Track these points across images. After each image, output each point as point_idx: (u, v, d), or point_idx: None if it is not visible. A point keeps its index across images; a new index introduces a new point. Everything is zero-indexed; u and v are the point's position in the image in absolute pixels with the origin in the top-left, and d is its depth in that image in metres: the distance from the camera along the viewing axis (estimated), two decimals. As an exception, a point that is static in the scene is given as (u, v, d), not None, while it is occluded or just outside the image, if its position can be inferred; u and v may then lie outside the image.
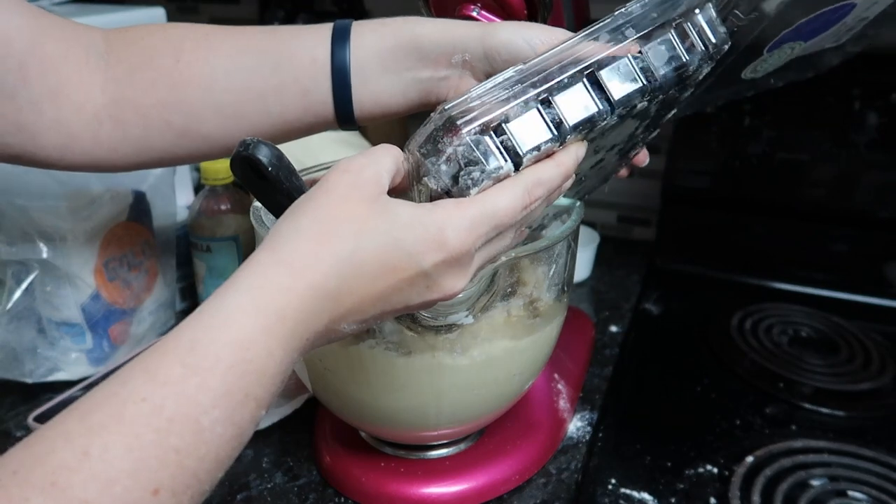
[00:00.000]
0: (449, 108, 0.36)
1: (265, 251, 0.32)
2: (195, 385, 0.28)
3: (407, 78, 0.46)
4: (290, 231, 0.32)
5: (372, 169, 0.34)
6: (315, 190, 0.34)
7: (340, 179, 0.34)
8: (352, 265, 0.32)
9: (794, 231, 0.82)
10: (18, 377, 0.63)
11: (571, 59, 0.37)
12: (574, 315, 0.74)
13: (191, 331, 0.29)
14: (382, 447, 0.54)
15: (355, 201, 0.33)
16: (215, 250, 0.73)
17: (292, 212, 0.34)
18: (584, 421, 0.60)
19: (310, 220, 0.33)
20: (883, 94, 0.74)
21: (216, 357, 0.28)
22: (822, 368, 0.67)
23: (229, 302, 0.30)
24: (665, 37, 0.38)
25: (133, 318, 0.69)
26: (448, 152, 0.35)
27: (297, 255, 0.32)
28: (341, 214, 0.33)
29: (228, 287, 0.31)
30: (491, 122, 0.35)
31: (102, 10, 0.74)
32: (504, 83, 0.36)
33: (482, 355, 0.45)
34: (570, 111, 0.36)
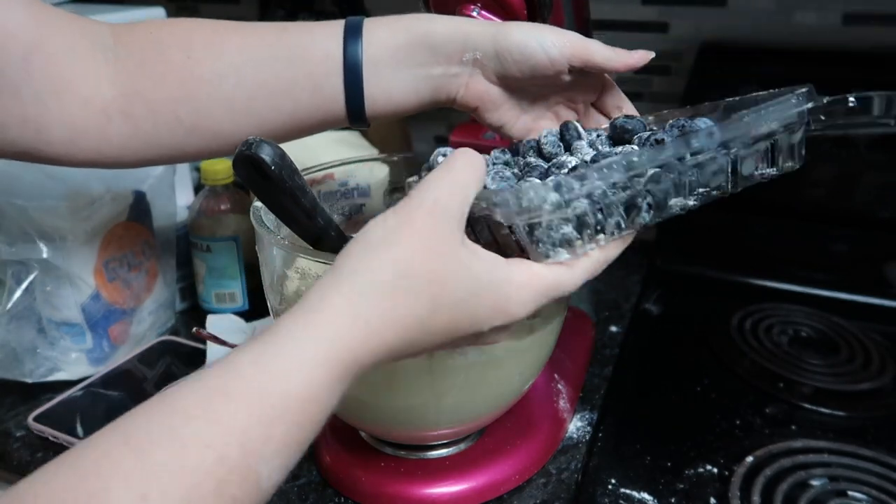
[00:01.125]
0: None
1: (343, 298, 0.30)
2: (261, 437, 0.27)
3: (419, 74, 0.46)
4: (372, 280, 0.31)
5: (457, 206, 0.33)
6: (399, 226, 0.32)
7: (426, 221, 0.32)
8: (423, 329, 0.32)
9: (794, 231, 0.82)
10: (18, 377, 0.63)
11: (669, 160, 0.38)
12: (574, 315, 0.73)
13: (260, 376, 0.28)
14: (382, 447, 0.54)
15: (438, 254, 0.32)
16: (215, 250, 0.73)
17: (373, 248, 0.32)
18: (584, 421, 0.60)
19: (392, 273, 0.31)
20: (883, 94, 0.74)
21: (284, 408, 0.28)
22: (822, 368, 0.67)
23: (304, 352, 0.29)
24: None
25: (133, 318, 0.69)
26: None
27: (375, 313, 0.31)
28: (424, 271, 0.32)
29: (303, 331, 0.29)
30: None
31: (102, 9, 0.74)
32: (608, 166, 0.36)
33: (482, 355, 0.45)
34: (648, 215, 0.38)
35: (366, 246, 0.32)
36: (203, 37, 0.46)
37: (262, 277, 0.49)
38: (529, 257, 0.36)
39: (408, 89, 0.47)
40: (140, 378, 0.65)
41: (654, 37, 0.87)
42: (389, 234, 0.32)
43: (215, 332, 0.66)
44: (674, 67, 0.88)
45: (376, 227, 0.33)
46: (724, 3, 0.83)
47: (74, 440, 0.57)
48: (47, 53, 0.42)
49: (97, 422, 0.59)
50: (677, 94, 0.86)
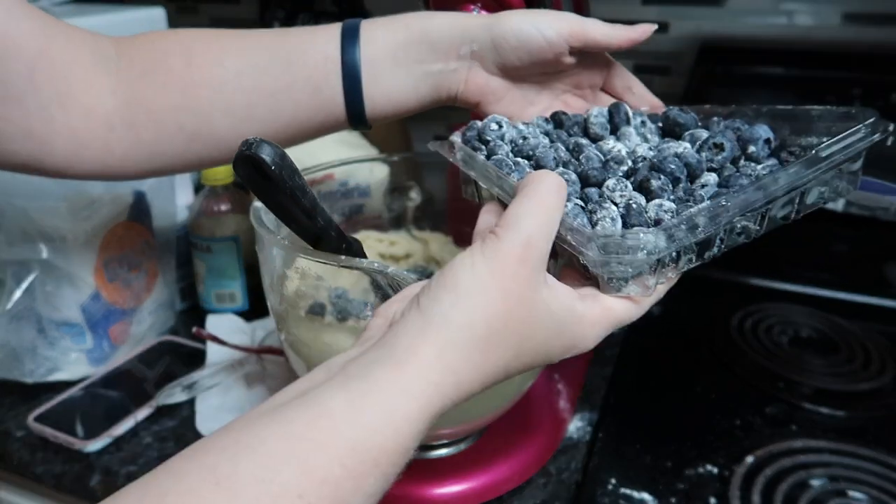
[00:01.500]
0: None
1: (433, 349, 0.30)
2: (351, 489, 0.27)
3: (418, 72, 0.46)
4: (463, 335, 0.30)
5: (546, 243, 0.32)
6: (492, 275, 0.31)
7: (518, 270, 0.31)
8: (504, 373, 0.32)
9: (794, 231, 0.82)
10: (18, 377, 0.63)
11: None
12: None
13: (352, 429, 0.27)
14: (382, 447, 0.54)
15: (526, 302, 0.32)
16: (215, 250, 0.73)
17: (464, 298, 0.31)
18: (584, 421, 0.60)
19: (484, 328, 0.31)
20: (883, 94, 0.74)
21: (374, 462, 0.28)
22: (822, 368, 0.67)
23: (395, 406, 0.28)
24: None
25: (133, 318, 0.69)
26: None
27: (465, 367, 0.31)
28: (514, 322, 0.31)
29: (393, 383, 0.29)
30: None
31: (102, 9, 0.74)
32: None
33: (482, 355, 0.45)
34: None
35: (456, 295, 0.31)
36: (203, 45, 0.46)
37: (262, 277, 0.49)
38: (598, 284, 0.35)
39: (407, 88, 0.46)
40: (140, 378, 0.65)
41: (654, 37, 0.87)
42: (481, 284, 0.31)
43: (215, 332, 0.66)
44: (674, 67, 0.88)
45: (465, 271, 0.31)
46: (724, 3, 0.83)
47: (74, 440, 0.57)
48: (52, 65, 0.42)
49: (97, 422, 0.59)
50: (677, 94, 0.86)
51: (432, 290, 0.31)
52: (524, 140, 0.43)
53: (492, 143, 0.43)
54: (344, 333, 0.45)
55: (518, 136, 0.44)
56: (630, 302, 0.36)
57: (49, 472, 0.57)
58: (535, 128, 0.45)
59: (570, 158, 0.42)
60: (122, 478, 0.55)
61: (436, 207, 0.62)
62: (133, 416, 0.60)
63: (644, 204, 0.37)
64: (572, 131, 0.46)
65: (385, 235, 0.61)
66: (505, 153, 0.42)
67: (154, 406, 0.61)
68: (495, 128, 0.44)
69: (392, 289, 0.39)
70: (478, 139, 0.44)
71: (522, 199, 0.33)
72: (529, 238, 0.31)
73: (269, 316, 0.51)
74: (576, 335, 0.34)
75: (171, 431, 0.60)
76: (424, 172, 0.62)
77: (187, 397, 0.61)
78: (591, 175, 0.39)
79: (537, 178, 0.34)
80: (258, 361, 0.64)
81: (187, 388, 0.61)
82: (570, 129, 0.46)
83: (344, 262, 0.42)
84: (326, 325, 0.45)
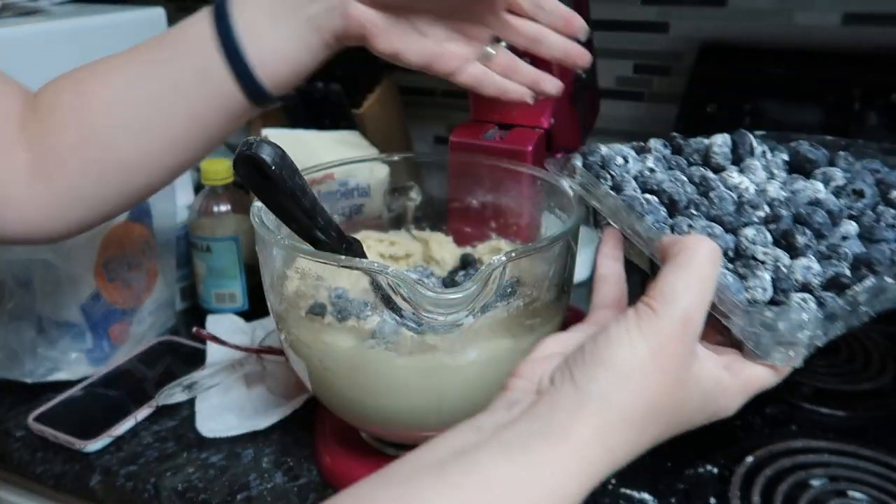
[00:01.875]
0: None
1: (592, 429, 0.30)
2: None
3: (298, 20, 0.44)
4: (623, 416, 0.30)
5: (702, 318, 0.32)
6: (652, 356, 0.31)
7: (677, 349, 0.31)
8: (654, 444, 0.33)
9: (794, 231, 0.82)
10: (18, 377, 0.63)
11: None
12: (574, 315, 0.73)
13: (516, 502, 0.28)
14: (383, 447, 0.54)
15: (682, 383, 0.32)
16: (215, 250, 0.73)
17: (623, 378, 0.31)
18: (584, 421, 0.60)
19: (643, 409, 0.31)
20: (883, 94, 0.74)
21: None
22: (822, 368, 0.67)
23: (556, 485, 0.29)
24: None
25: (133, 318, 0.69)
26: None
27: (623, 446, 0.31)
28: (670, 403, 0.32)
29: (554, 463, 0.29)
30: None
31: (102, 10, 0.74)
32: None
33: (482, 355, 0.45)
34: None
35: (615, 375, 0.30)
36: (90, 71, 0.45)
37: (262, 277, 0.49)
38: (741, 348, 0.35)
39: (295, 41, 0.45)
40: (140, 378, 0.65)
41: (654, 37, 0.87)
42: (640, 364, 0.31)
43: (215, 332, 0.66)
44: (674, 67, 0.88)
45: (622, 348, 0.31)
46: (724, 3, 0.83)
47: (74, 440, 0.57)
48: None
49: (97, 422, 0.59)
50: (677, 94, 0.86)
51: (587, 364, 0.31)
52: (651, 172, 0.43)
53: (617, 177, 0.43)
54: (344, 333, 0.45)
55: (644, 168, 0.44)
56: (773, 370, 0.35)
57: (49, 472, 0.57)
58: (654, 156, 0.45)
59: (700, 198, 0.41)
60: (122, 478, 0.55)
61: (436, 207, 0.62)
62: (133, 416, 0.60)
63: (789, 263, 0.36)
64: (692, 158, 0.45)
65: (385, 235, 0.61)
66: (633, 188, 0.42)
67: (154, 406, 0.61)
68: (621, 162, 0.43)
69: (392, 289, 0.39)
70: (601, 166, 0.44)
71: (678, 270, 0.32)
72: (687, 315, 0.31)
73: (269, 316, 0.51)
74: (720, 406, 0.34)
75: (171, 431, 0.60)
76: (424, 172, 0.62)
77: (187, 397, 0.61)
78: (726, 221, 0.39)
79: (692, 245, 0.32)
80: (258, 361, 0.64)
81: (187, 388, 0.61)
82: (691, 155, 0.45)
83: (344, 262, 0.42)
84: (326, 325, 0.45)
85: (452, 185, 0.61)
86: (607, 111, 0.83)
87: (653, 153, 0.45)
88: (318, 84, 0.82)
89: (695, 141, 0.45)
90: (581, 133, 0.69)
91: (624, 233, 0.40)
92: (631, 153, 0.44)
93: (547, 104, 0.60)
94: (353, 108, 0.86)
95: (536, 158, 0.59)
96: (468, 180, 0.60)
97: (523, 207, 0.58)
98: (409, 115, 0.99)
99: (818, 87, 0.76)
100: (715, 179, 0.42)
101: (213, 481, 0.54)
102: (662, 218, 0.40)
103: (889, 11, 0.77)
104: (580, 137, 0.69)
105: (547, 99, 0.60)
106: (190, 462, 0.56)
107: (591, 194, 0.42)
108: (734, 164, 0.44)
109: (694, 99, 0.81)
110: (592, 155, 0.45)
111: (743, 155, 0.44)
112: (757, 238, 0.37)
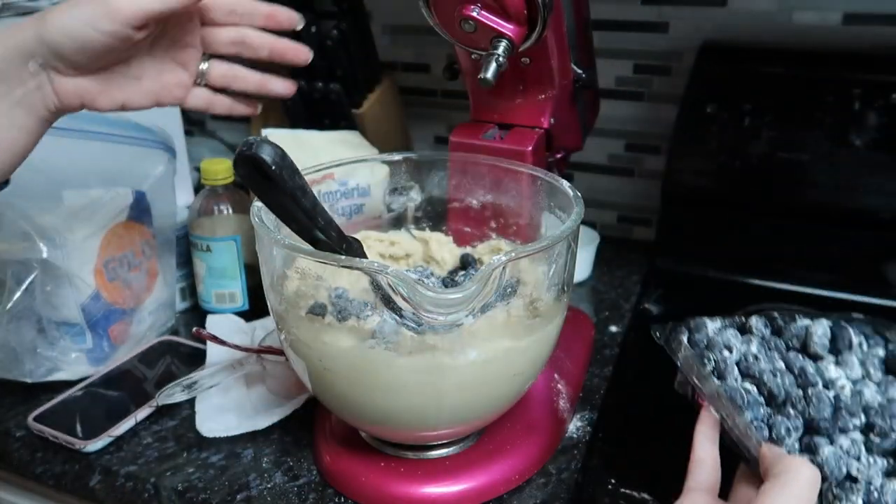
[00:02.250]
0: None
1: None
2: None
3: (7, 106, 0.43)
4: None
5: None
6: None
7: None
8: None
9: (794, 231, 0.82)
10: (18, 377, 0.63)
11: None
12: (574, 315, 0.73)
13: None
14: (382, 447, 0.54)
15: None
16: (215, 250, 0.73)
17: None
18: (584, 421, 0.60)
19: None
20: (883, 94, 0.74)
21: None
22: (822, 368, 0.67)
23: None
24: None
25: (133, 318, 0.69)
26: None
27: None
28: None
29: None
30: None
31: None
32: None
33: (482, 355, 0.45)
34: None
35: None
36: None
37: (262, 277, 0.49)
38: None
39: (7, 127, 0.44)
40: (140, 378, 0.65)
41: (654, 37, 0.87)
42: None
43: (215, 332, 0.66)
44: (674, 67, 0.88)
45: None
46: (724, 3, 0.83)
47: (74, 440, 0.57)
48: None
49: (97, 422, 0.59)
50: (677, 94, 0.86)
51: None
52: (754, 360, 0.46)
53: (720, 363, 0.46)
54: (344, 333, 0.45)
55: (748, 352, 0.47)
56: None
57: (49, 472, 0.57)
58: (756, 332, 0.48)
59: (797, 393, 0.43)
60: (122, 478, 0.55)
61: (436, 207, 0.62)
62: (133, 416, 0.60)
63: (881, 483, 0.39)
64: (791, 343, 0.48)
65: (385, 235, 0.61)
66: (734, 377, 0.45)
67: (154, 406, 0.61)
68: (728, 354, 0.47)
69: (392, 289, 0.39)
70: (706, 346, 0.47)
71: (780, 489, 0.35)
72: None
73: (269, 316, 0.51)
74: None
75: (171, 431, 0.60)
76: (424, 172, 0.62)
77: (187, 397, 0.61)
78: (821, 426, 0.42)
79: (794, 467, 0.36)
80: (258, 361, 0.64)
81: (187, 388, 0.61)
82: (790, 339, 0.48)
83: (344, 262, 0.42)
84: (326, 325, 0.45)
85: (452, 185, 0.61)
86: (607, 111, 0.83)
87: (755, 333, 0.49)
88: (318, 84, 0.82)
89: (795, 326, 0.48)
90: (581, 133, 0.69)
91: (723, 420, 0.43)
92: (735, 340, 0.47)
93: (547, 104, 0.60)
94: (353, 108, 0.86)
95: (536, 158, 0.59)
96: (468, 180, 0.60)
97: (523, 207, 0.58)
98: (409, 115, 0.99)
99: (818, 87, 0.76)
100: (813, 374, 0.44)
101: (213, 481, 0.54)
102: (762, 416, 0.43)
103: (889, 11, 0.77)
104: (580, 137, 0.69)
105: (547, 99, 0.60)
106: (190, 462, 0.56)
107: (694, 373, 0.45)
108: (831, 352, 0.47)
109: (694, 99, 0.81)
110: (699, 332, 0.48)
111: (841, 349, 0.47)
112: (851, 449, 0.40)
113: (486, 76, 0.51)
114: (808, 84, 0.77)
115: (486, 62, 0.51)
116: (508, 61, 0.52)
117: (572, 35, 0.58)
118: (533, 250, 0.44)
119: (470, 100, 0.63)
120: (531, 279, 0.48)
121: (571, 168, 0.97)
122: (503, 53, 0.51)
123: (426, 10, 0.53)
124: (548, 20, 0.51)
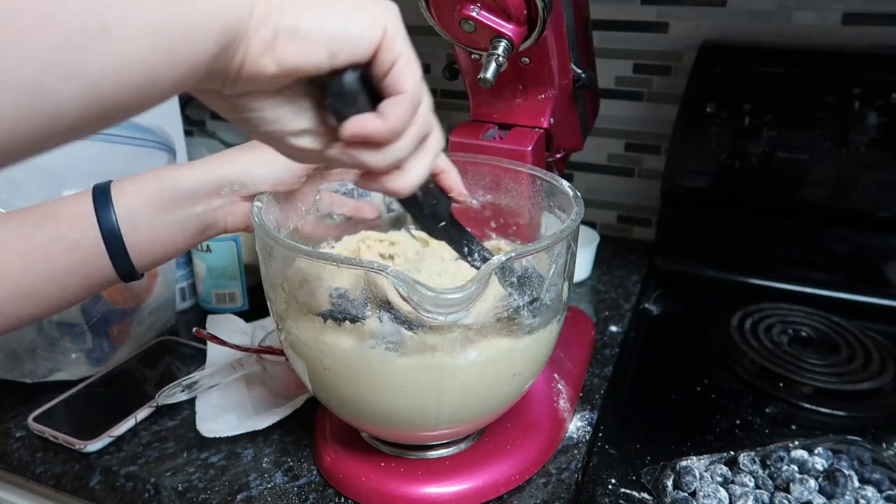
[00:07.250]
0: None
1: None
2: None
3: (181, 216, 0.49)
4: None
5: None
6: None
7: None
8: None
9: (794, 231, 0.82)
10: (18, 377, 0.63)
11: None
12: (574, 315, 0.73)
13: None
14: (382, 447, 0.54)
15: None
16: (215, 250, 0.73)
17: None
18: (584, 421, 0.60)
19: None
20: (883, 94, 0.74)
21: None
22: (822, 368, 0.67)
23: None
24: None
25: (133, 318, 0.69)
26: None
27: None
28: None
29: None
30: None
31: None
32: None
33: (482, 355, 0.45)
34: None
35: None
36: None
37: (262, 277, 0.49)
38: None
39: (174, 231, 0.49)
40: (140, 378, 0.65)
41: (653, 37, 0.88)
42: None
43: (215, 332, 0.66)
44: (673, 67, 0.88)
45: None
46: (724, 3, 0.83)
47: (74, 440, 0.57)
48: None
49: (97, 422, 0.59)
50: (677, 94, 0.86)
51: None
52: None
53: None
54: (344, 333, 0.45)
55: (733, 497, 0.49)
56: None
57: (49, 472, 0.57)
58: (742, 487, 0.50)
59: None
60: (122, 478, 0.55)
61: (436, 207, 0.62)
62: (133, 416, 0.60)
63: None
64: (779, 483, 0.50)
65: (385, 235, 0.61)
66: None
67: (154, 406, 0.61)
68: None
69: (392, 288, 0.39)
70: (691, 494, 0.49)
71: None
72: None
73: (269, 316, 0.51)
74: None
75: (171, 431, 0.60)
76: (424, 172, 0.62)
77: (187, 397, 0.61)
78: None
79: None
80: (258, 361, 0.64)
81: (187, 388, 0.61)
82: (780, 482, 0.50)
83: (344, 262, 0.42)
84: (326, 326, 0.45)
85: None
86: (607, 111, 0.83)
87: (743, 469, 0.51)
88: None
89: (785, 469, 0.50)
90: (581, 133, 0.69)
91: None
92: (722, 491, 0.49)
93: (547, 104, 0.60)
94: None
95: (536, 158, 0.59)
96: (468, 180, 0.60)
97: (523, 207, 0.58)
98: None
99: (818, 87, 0.76)
100: None
101: (213, 481, 0.54)
102: None
103: (889, 11, 0.77)
104: (580, 137, 0.69)
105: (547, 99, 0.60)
106: (190, 462, 0.56)
107: None
108: (821, 492, 0.49)
109: (694, 99, 0.81)
110: (687, 474, 0.50)
111: (836, 494, 0.48)
112: None
113: (485, 76, 0.51)
114: (807, 84, 0.77)
115: (485, 62, 0.51)
116: (508, 61, 0.52)
117: (572, 35, 0.58)
118: (533, 250, 0.44)
119: (470, 100, 0.63)
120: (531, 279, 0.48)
121: (571, 168, 0.98)
122: (503, 53, 0.51)
123: (426, 11, 0.53)
124: (547, 20, 0.51)
